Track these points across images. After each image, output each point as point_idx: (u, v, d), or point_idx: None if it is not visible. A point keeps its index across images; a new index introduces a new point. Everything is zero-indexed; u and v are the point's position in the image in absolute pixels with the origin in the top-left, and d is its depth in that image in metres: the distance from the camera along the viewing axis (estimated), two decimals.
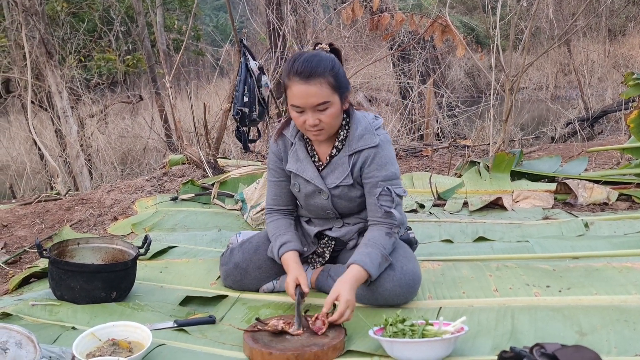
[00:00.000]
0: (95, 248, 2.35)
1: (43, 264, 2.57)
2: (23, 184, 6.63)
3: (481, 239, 2.68)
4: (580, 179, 3.51)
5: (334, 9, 8.21)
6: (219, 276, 2.28)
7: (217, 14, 21.24)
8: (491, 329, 1.74)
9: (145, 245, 2.31)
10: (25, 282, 2.49)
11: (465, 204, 3.38)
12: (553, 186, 3.57)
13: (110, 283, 2.11)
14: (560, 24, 9.70)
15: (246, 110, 4.58)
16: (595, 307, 1.82)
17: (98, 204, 3.74)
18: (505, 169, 3.82)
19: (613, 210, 3.20)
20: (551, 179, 3.80)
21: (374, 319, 1.83)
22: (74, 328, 1.92)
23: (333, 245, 2.16)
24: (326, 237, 2.16)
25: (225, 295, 2.19)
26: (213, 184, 3.75)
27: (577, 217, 2.95)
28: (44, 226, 3.48)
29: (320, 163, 2.04)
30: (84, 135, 7.25)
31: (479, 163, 3.97)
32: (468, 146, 5.43)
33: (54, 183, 5.03)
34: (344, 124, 1.99)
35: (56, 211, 3.69)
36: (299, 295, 1.87)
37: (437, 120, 7.42)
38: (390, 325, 1.65)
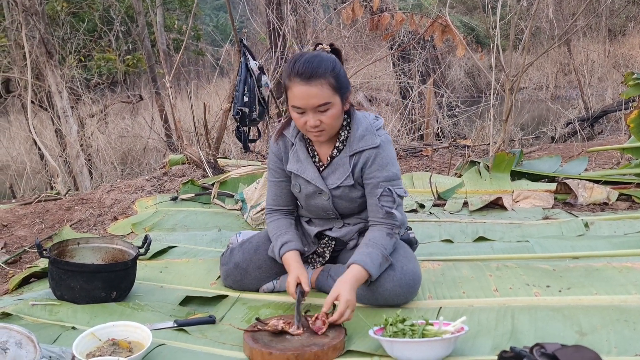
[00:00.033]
0: (95, 248, 2.36)
1: (43, 263, 2.57)
2: (23, 184, 6.62)
3: (481, 238, 2.68)
4: (580, 179, 3.51)
5: (334, 9, 8.21)
6: (219, 276, 2.28)
7: (217, 13, 21.24)
8: (491, 329, 1.74)
9: (145, 245, 2.31)
10: (25, 282, 2.49)
11: (465, 204, 3.38)
12: (553, 186, 3.57)
13: (110, 283, 2.11)
14: (560, 23, 9.69)
15: (246, 110, 4.58)
16: (595, 307, 1.82)
17: (98, 203, 3.74)
18: (505, 169, 3.82)
19: (613, 210, 3.20)
20: (551, 179, 3.80)
21: (374, 319, 1.83)
22: (74, 328, 1.92)
23: (333, 245, 2.16)
24: (326, 237, 2.16)
25: (225, 295, 2.19)
26: (213, 184, 3.75)
27: (577, 217, 2.95)
28: (44, 226, 3.48)
29: (321, 164, 2.04)
30: (84, 135, 7.25)
31: (479, 163, 3.97)
32: (468, 146, 5.43)
33: (54, 183, 5.03)
34: (345, 124, 1.99)
35: (56, 211, 3.69)
36: (300, 294, 1.88)
37: (437, 120, 7.42)
38: (391, 325, 1.65)
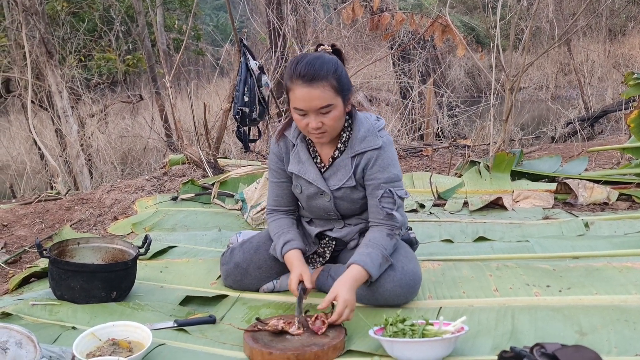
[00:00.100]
0: (95, 248, 2.36)
1: (43, 263, 2.57)
2: (23, 184, 6.63)
3: (481, 238, 2.68)
4: (581, 179, 3.51)
5: (334, 9, 8.21)
6: (219, 276, 2.28)
7: (217, 13, 21.23)
8: (491, 329, 1.74)
9: (145, 245, 2.31)
10: (25, 282, 2.49)
11: (465, 204, 3.38)
12: (553, 186, 3.57)
13: (111, 283, 2.11)
14: (560, 23, 9.68)
15: (246, 109, 4.58)
16: (595, 307, 1.82)
17: (98, 203, 3.74)
18: (505, 169, 3.82)
19: (613, 210, 3.20)
20: (551, 179, 3.80)
21: (374, 319, 1.83)
22: (74, 328, 1.92)
23: (334, 245, 2.16)
24: (327, 237, 2.16)
25: (225, 295, 2.19)
26: (213, 184, 3.75)
27: (578, 217, 2.95)
28: (44, 226, 3.48)
29: (323, 165, 2.03)
30: (84, 135, 7.25)
31: (479, 163, 3.96)
32: (468, 146, 5.43)
33: (54, 183, 5.03)
34: (347, 125, 1.98)
35: (56, 211, 3.69)
36: (302, 291, 1.88)
37: (438, 120, 7.42)
38: (391, 325, 1.65)
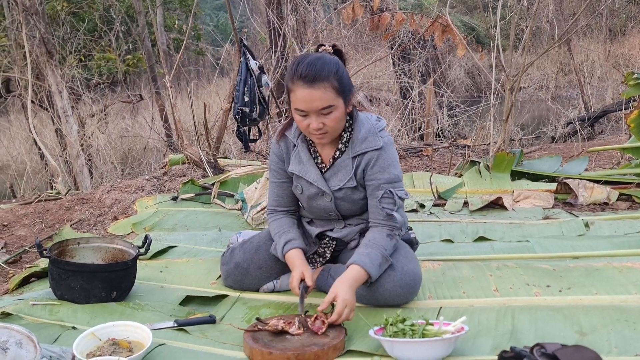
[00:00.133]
0: (95, 248, 2.36)
1: (43, 263, 2.57)
2: (23, 184, 6.63)
3: (481, 238, 2.68)
4: (581, 179, 3.51)
5: (335, 9, 8.21)
6: (219, 276, 2.28)
7: (218, 13, 21.24)
8: (491, 329, 1.74)
9: (145, 245, 2.31)
10: (25, 282, 2.49)
11: (465, 204, 3.38)
12: (553, 186, 3.57)
13: (111, 283, 2.11)
14: (560, 23, 9.68)
15: (246, 109, 4.58)
16: (595, 307, 1.82)
17: (98, 203, 3.74)
18: (505, 169, 3.82)
19: (613, 210, 3.20)
20: (551, 179, 3.80)
21: (374, 319, 1.83)
22: (74, 328, 1.92)
23: (334, 245, 2.16)
24: (327, 238, 2.16)
25: (225, 295, 2.19)
26: (213, 184, 3.75)
27: (578, 217, 2.95)
28: (44, 226, 3.48)
29: (323, 165, 2.03)
30: (84, 135, 7.25)
31: (479, 163, 3.96)
32: (468, 146, 5.43)
33: (54, 183, 5.03)
34: (347, 126, 1.98)
35: (56, 211, 3.69)
36: (303, 289, 1.88)
37: (438, 120, 7.42)
38: (391, 325, 1.65)
